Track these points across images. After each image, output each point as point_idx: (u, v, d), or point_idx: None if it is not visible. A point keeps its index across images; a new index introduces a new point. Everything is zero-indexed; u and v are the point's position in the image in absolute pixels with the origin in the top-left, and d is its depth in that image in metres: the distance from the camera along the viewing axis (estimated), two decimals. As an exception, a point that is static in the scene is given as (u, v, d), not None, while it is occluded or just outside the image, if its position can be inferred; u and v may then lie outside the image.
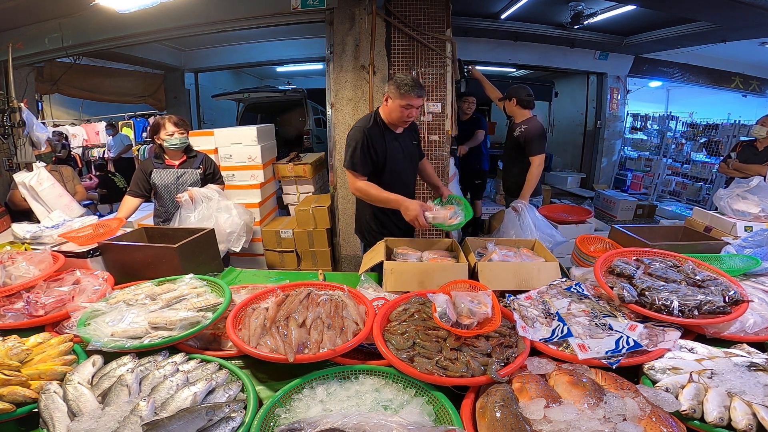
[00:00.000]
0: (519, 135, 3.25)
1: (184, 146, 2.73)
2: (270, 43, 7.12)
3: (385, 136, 2.24)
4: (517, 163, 3.30)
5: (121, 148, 7.74)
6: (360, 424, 0.93)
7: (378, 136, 2.21)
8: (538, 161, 3.12)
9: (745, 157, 4.00)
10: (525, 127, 3.20)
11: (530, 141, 3.14)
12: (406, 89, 2.08)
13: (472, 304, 1.33)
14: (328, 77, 3.77)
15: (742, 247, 1.94)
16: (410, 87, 2.08)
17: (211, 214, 2.61)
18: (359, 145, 2.16)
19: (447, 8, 3.63)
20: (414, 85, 2.09)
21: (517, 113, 3.33)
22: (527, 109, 3.29)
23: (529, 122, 3.22)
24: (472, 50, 6.69)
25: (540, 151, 3.14)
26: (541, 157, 3.14)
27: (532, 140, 3.14)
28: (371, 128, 2.21)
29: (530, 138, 3.15)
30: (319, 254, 4.19)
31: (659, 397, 1.04)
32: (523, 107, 3.29)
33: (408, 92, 2.09)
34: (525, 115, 3.28)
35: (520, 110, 3.30)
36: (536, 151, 3.13)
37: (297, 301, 1.49)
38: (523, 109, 3.29)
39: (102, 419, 0.99)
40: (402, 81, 2.10)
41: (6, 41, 4.19)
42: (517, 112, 3.32)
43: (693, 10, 4.83)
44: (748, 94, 8.44)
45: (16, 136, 3.55)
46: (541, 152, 3.15)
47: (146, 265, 1.87)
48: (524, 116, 3.28)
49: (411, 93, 2.09)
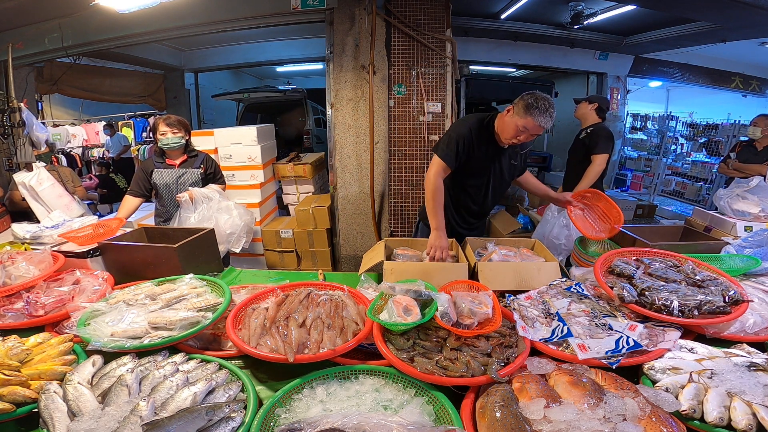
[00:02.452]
0: (585, 137, 3.27)
1: (177, 146, 2.71)
2: (270, 43, 7.12)
3: (488, 144, 2.10)
4: (582, 168, 3.26)
5: (119, 149, 7.74)
6: (360, 424, 0.93)
7: (480, 139, 2.07)
8: (600, 160, 3.14)
9: (745, 157, 4.00)
10: (591, 129, 3.24)
11: (597, 139, 3.17)
12: (534, 113, 1.87)
13: (473, 304, 1.34)
14: (328, 77, 3.77)
15: (742, 247, 1.94)
16: (541, 113, 1.87)
17: (211, 215, 2.59)
18: (460, 137, 2.04)
19: (447, 8, 3.63)
20: (545, 114, 1.87)
21: (589, 118, 3.33)
22: (600, 119, 3.33)
23: (597, 125, 3.26)
24: (472, 50, 6.69)
25: (604, 151, 3.15)
26: (603, 157, 3.14)
27: (598, 139, 3.17)
28: (479, 129, 2.07)
29: (597, 137, 3.18)
30: (319, 254, 4.20)
31: (659, 397, 1.03)
32: (598, 115, 3.32)
33: (534, 117, 1.87)
34: (594, 121, 3.31)
35: (594, 117, 3.31)
36: (600, 150, 3.15)
37: (297, 301, 1.49)
38: (596, 117, 3.32)
39: (102, 419, 0.98)
40: (535, 103, 1.88)
41: (6, 41, 4.20)
42: (590, 117, 3.32)
43: (693, 10, 4.83)
44: (748, 94, 8.44)
45: (16, 136, 3.56)
46: (605, 152, 3.15)
47: (146, 265, 1.87)
48: (593, 122, 3.31)
49: (537, 120, 1.87)
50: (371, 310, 1.37)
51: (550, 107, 1.89)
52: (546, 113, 1.88)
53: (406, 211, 3.97)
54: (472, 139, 2.05)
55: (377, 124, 3.71)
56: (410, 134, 3.81)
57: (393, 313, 1.29)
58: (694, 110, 7.97)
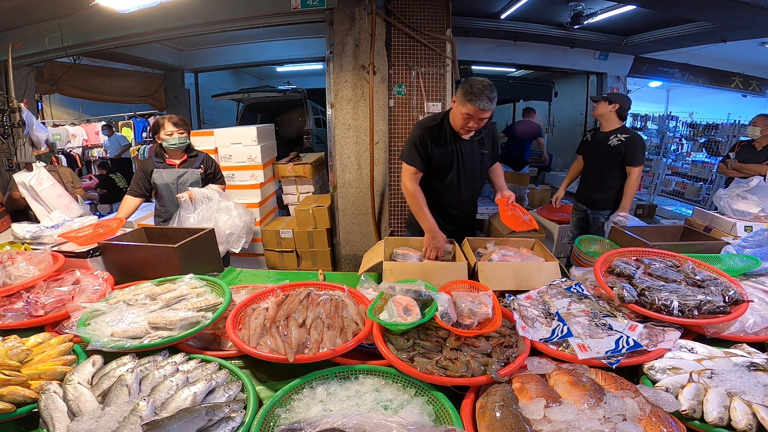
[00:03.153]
0: (619, 144, 3.05)
1: (183, 146, 2.73)
2: (270, 43, 7.12)
3: (448, 140, 2.12)
4: (611, 176, 3.15)
5: (118, 149, 7.74)
6: (360, 424, 0.93)
7: (437, 137, 2.10)
8: (638, 173, 3.06)
9: (744, 157, 4.00)
10: (626, 137, 3.05)
11: (635, 150, 3.04)
12: (471, 98, 1.88)
13: (473, 304, 1.34)
14: (328, 77, 3.77)
15: (742, 247, 1.94)
16: (476, 97, 1.88)
17: (210, 215, 2.59)
18: (416, 140, 2.10)
19: (447, 8, 3.63)
20: (480, 96, 1.88)
21: (610, 120, 3.15)
22: (621, 121, 3.19)
23: (630, 132, 3.11)
24: (472, 50, 6.69)
25: (641, 163, 3.08)
26: (640, 170, 3.08)
27: (636, 150, 3.04)
28: (433, 127, 2.11)
29: (634, 147, 3.04)
30: (319, 254, 4.20)
31: (659, 397, 1.03)
32: (618, 116, 3.17)
33: (472, 101, 1.89)
34: (617, 124, 3.16)
35: (615, 119, 3.15)
36: (639, 161, 3.05)
37: (297, 301, 1.49)
38: (617, 119, 3.17)
39: (102, 419, 0.98)
40: (470, 88, 1.89)
41: (6, 41, 4.20)
42: (611, 119, 3.15)
43: (693, 10, 4.83)
44: (748, 94, 8.45)
45: (15, 136, 3.56)
46: (642, 164, 3.09)
47: (146, 265, 1.87)
48: (616, 125, 3.15)
49: (474, 103, 1.89)
50: (371, 310, 1.37)
51: (486, 89, 1.89)
52: (482, 95, 1.88)
53: (406, 211, 3.97)
54: (427, 140, 2.10)
55: (377, 124, 3.71)
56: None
57: (393, 313, 1.30)
58: (694, 110, 7.97)
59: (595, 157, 3.29)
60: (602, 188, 3.25)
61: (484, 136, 2.23)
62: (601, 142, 3.17)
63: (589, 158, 3.35)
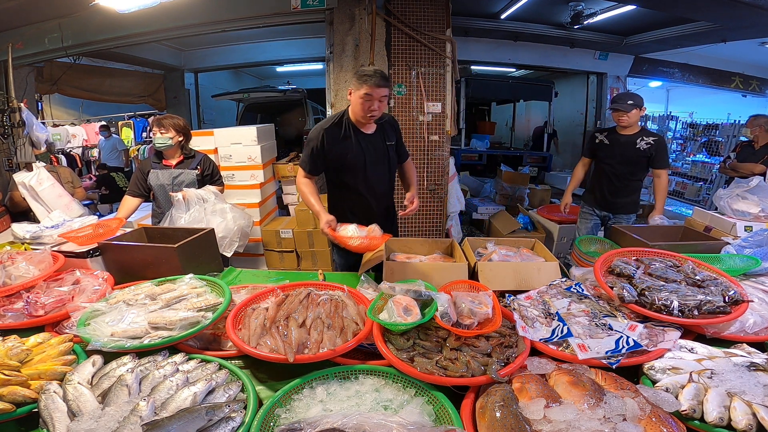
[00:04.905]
0: (648, 147, 2.98)
1: (164, 146, 2.69)
2: (270, 43, 7.13)
3: (350, 137, 2.12)
4: (636, 179, 3.14)
5: (112, 153, 7.55)
6: (360, 424, 0.93)
7: (337, 137, 2.10)
8: (666, 174, 3.10)
9: (744, 157, 4.02)
10: (654, 139, 3.01)
11: (663, 153, 3.05)
12: (365, 78, 1.95)
13: (473, 304, 1.34)
14: (328, 77, 3.77)
15: (742, 247, 1.94)
16: (369, 76, 1.95)
17: (203, 217, 2.53)
18: (311, 145, 2.11)
19: (447, 8, 3.64)
20: (374, 74, 1.96)
21: (635, 124, 3.07)
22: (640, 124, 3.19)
23: (655, 134, 3.09)
24: (472, 50, 6.70)
25: (669, 165, 3.13)
26: (667, 171, 3.12)
27: (665, 152, 3.07)
28: (331, 128, 2.11)
29: (663, 149, 3.04)
30: (319, 254, 4.19)
31: (659, 397, 1.04)
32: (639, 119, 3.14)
33: (367, 81, 1.95)
34: (638, 127, 3.10)
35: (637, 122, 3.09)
36: (667, 163, 3.10)
37: (297, 301, 1.49)
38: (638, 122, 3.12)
39: (102, 419, 0.98)
40: (363, 71, 1.99)
41: (6, 41, 4.20)
42: (636, 122, 3.07)
43: (693, 10, 4.84)
44: (748, 94, 8.46)
45: (15, 136, 3.56)
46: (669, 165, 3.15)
47: (146, 265, 1.87)
48: (637, 128, 3.09)
49: (370, 82, 1.94)
50: (371, 310, 1.37)
51: (377, 70, 2.00)
52: (375, 74, 1.97)
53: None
54: (323, 141, 2.09)
55: (377, 124, 3.71)
56: (410, 134, 3.81)
57: (393, 313, 1.29)
58: (694, 110, 7.98)
59: (618, 160, 3.12)
60: (627, 192, 3.18)
61: (387, 128, 2.23)
62: (625, 145, 3.05)
63: (606, 161, 3.18)
